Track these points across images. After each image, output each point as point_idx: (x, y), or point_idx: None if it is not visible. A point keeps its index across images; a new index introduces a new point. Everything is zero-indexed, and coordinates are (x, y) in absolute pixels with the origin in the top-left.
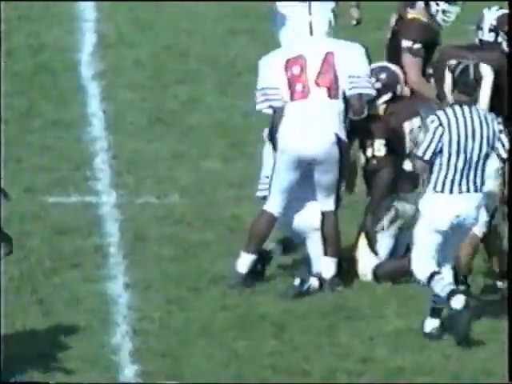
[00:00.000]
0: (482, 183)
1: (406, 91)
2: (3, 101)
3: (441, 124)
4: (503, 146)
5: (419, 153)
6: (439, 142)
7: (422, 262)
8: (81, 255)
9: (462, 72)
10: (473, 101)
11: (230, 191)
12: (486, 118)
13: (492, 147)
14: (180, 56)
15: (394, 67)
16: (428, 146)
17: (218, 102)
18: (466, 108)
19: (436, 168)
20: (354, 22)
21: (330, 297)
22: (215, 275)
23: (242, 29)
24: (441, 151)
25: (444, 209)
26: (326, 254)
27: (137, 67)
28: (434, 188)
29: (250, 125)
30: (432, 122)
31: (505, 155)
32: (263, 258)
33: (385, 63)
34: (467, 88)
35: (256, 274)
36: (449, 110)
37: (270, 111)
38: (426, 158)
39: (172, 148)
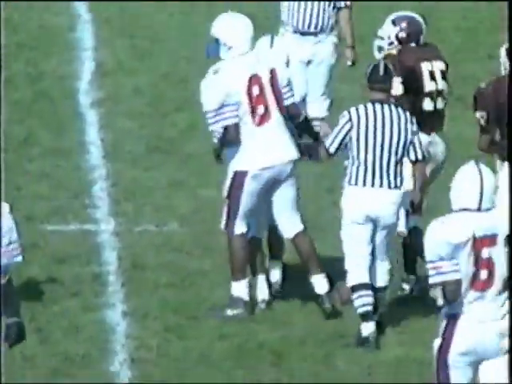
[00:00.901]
0: (396, 180)
1: None
2: (2, 129)
3: (350, 119)
4: (414, 148)
5: (326, 144)
6: (345, 136)
7: (351, 263)
8: (79, 283)
9: (373, 70)
10: (388, 99)
11: None
12: (398, 117)
13: (404, 146)
14: (179, 83)
15: (415, 15)
16: (333, 140)
17: None
18: (378, 105)
19: (349, 162)
20: (349, 63)
21: (327, 323)
22: (214, 304)
23: None
24: (350, 146)
25: (357, 201)
26: (313, 273)
27: (135, 95)
28: (349, 181)
29: None
30: (343, 116)
31: (414, 158)
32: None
33: (404, 12)
34: (379, 84)
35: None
36: (361, 107)
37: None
38: (331, 151)
39: (170, 176)
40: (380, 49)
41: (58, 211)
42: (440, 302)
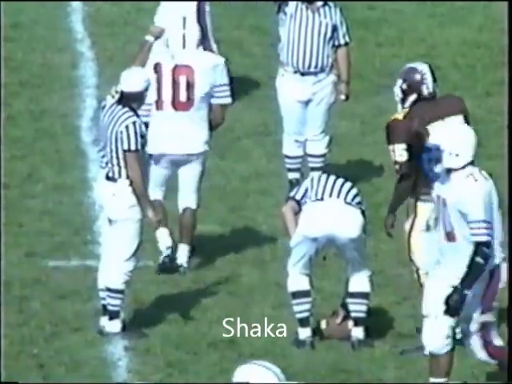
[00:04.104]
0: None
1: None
2: (5, 166)
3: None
4: None
5: (291, 194)
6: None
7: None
8: (81, 319)
9: None
10: None
11: (228, 255)
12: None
13: None
14: None
15: (417, 66)
16: (298, 189)
17: (217, 166)
18: None
19: None
20: (343, 98)
21: (327, 358)
22: (214, 339)
23: (240, 94)
24: None
25: None
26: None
27: None
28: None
29: (248, 189)
30: None
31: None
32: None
33: (410, 64)
34: None
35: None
36: None
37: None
38: (297, 197)
39: (172, 212)
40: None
41: (60, 247)
42: None
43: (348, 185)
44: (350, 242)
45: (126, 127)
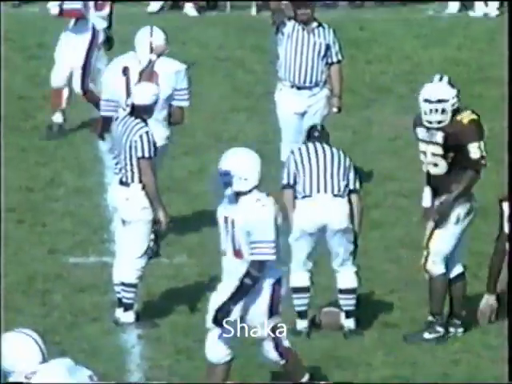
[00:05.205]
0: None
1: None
2: (30, 171)
3: (293, 153)
4: (354, 179)
5: (284, 182)
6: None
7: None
8: (99, 310)
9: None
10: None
11: None
12: (332, 152)
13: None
14: (187, 131)
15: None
16: (288, 174)
17: None
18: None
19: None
20: (335, 110)
21: (321, 345)
22: None
23: (243, 107)
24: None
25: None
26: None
27: None
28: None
29: None
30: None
31: (353, 186)
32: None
33: (440, 75)
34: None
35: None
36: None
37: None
38: (291, 182)
39: (180, 213)
40: (443, 111)
41: (80, 245)
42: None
43: (335, 167)
44: (339, 233)
45: (140, 136)
